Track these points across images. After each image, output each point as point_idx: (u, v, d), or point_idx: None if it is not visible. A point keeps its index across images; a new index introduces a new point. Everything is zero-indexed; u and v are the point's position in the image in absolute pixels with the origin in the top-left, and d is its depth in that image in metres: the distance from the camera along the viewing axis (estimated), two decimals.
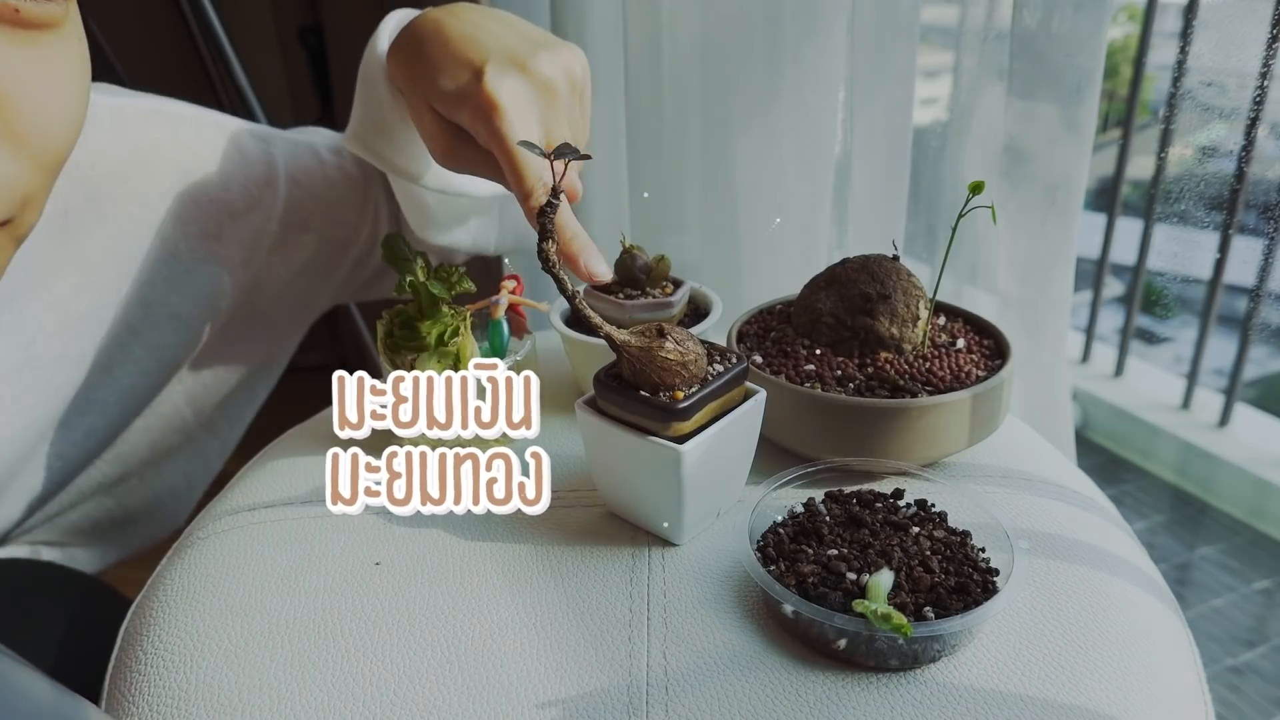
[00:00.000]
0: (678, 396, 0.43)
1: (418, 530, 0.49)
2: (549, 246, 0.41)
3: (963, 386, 0.50)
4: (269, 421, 0.75)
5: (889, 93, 0.79)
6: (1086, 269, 1.36)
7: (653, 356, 0.43)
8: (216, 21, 1.11)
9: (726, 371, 0.45)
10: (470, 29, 0.53)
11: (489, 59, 0.50)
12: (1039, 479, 0.52)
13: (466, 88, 0.50)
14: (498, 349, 0.55)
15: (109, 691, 0.42)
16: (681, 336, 0.44)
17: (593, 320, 0.42)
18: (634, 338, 0.43)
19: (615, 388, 0.45)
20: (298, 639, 0.42)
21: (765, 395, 0.47)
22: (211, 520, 0.51)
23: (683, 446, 0.43)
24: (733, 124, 0.82)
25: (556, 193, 0.40)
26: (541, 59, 0.52)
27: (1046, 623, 0.41)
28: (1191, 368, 1.37)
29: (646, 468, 0.45)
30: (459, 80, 0.50)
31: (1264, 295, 1.16)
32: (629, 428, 0.45)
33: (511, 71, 0.50)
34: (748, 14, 0.77)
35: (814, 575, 0.41)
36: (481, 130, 0.50)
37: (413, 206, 0.67)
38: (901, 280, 0.54)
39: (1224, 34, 0.83)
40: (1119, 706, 0.38)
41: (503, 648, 0.41)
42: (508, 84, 0.50)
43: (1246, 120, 0.83)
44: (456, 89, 0.50)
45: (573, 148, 0.41)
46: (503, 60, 0.51)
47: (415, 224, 0.68)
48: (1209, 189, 0.88)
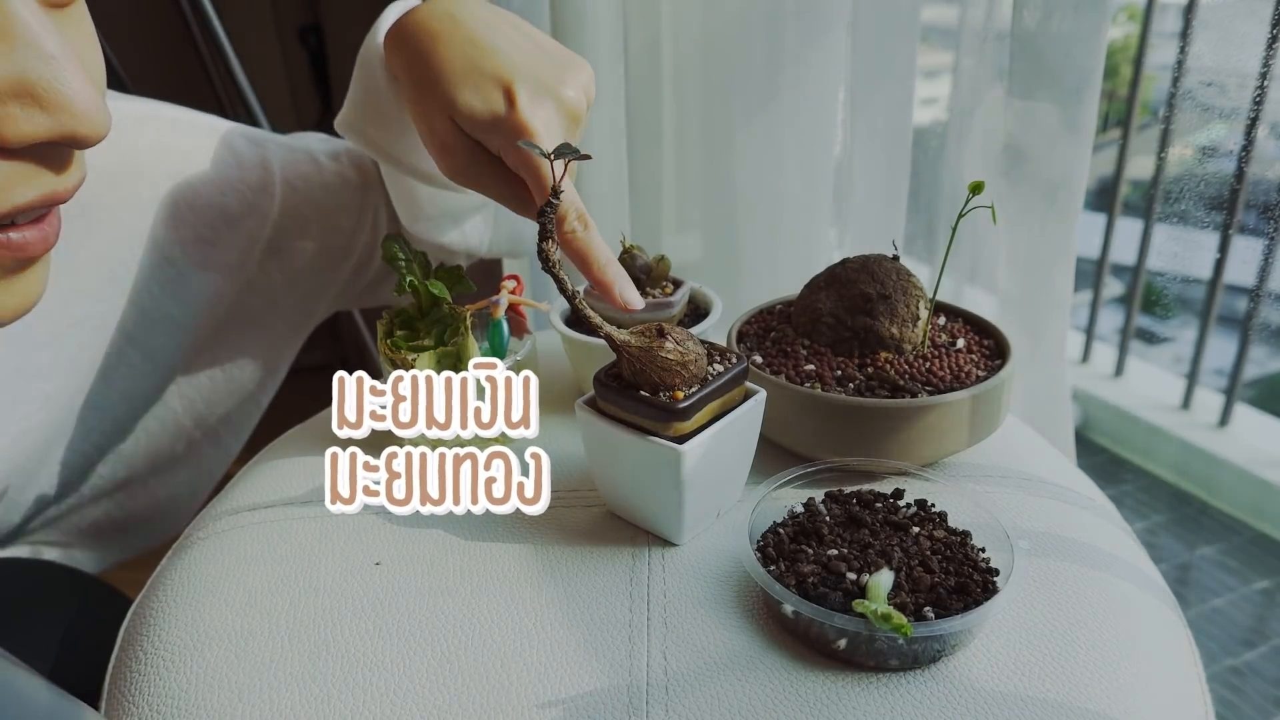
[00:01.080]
0: (678, 396, 0.43)
1: (418, 530, 0.49)
2: (549, 246, 0.41)
3: (963, 386, 0.50)
4: (269, 421, 0.75)
5: (889, 93, 0.79)
6: (1086, 269, 1.36)
7: (653, 356, 0.43)
8: (216, 21, 1.11)
9: (727, 371, 0.45)
10: (488, 34, 0.51)
11: (519, 80, 0.49)
12: (1039, 479, 0.52)
13: (498, 109, 0.49)
14: (498, 349, 0.55)
15: (109, 691, 0.42)
16: (681, 336, 0.44)
17: (593, 320, 0.42)
18: (634, 338, 0.43)
19: (615, 388, 0.45)
20: (298, 639, 0.42)
21: (765, 395, 0.47)
22: (211, 520, 0.51)
23: (683, 446, 0.43)
24: (733, 124, 0.82)
25: (556, 192, 0.40)
26: (568, 84, 0.51)
27: (1046, 623, 0.41)
28: (1191, 368, 1.37)
29: (646, 468, 0.45)
30: (490, 101, 0.49)
31: (1264, 295, 1.16)
32: (629, 428, 0.45)
33: (544, 98, 0.50)
34: (748, 14, 0.77)
35: (814, 575, 0.41)
36: (511, 154, 0.49)
37: (403, 199, 0.66)
38: (901, 280, 0.53)
39: (1224, 34, 0.83)
40: (1119, 707, 0.38)
41: (503, 648, 0.41)
42: (541, 112, 0.49)
43: (1246, 120, 0.83)
44: (488, 110, 0.49)
45: (573, 147, 0.41)
46: (534, 83, 0.50)
47: (405, 218, 0.67)
48: (1209, 189, 0.88)
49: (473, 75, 0.50)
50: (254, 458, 0.58)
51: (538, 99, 0.49)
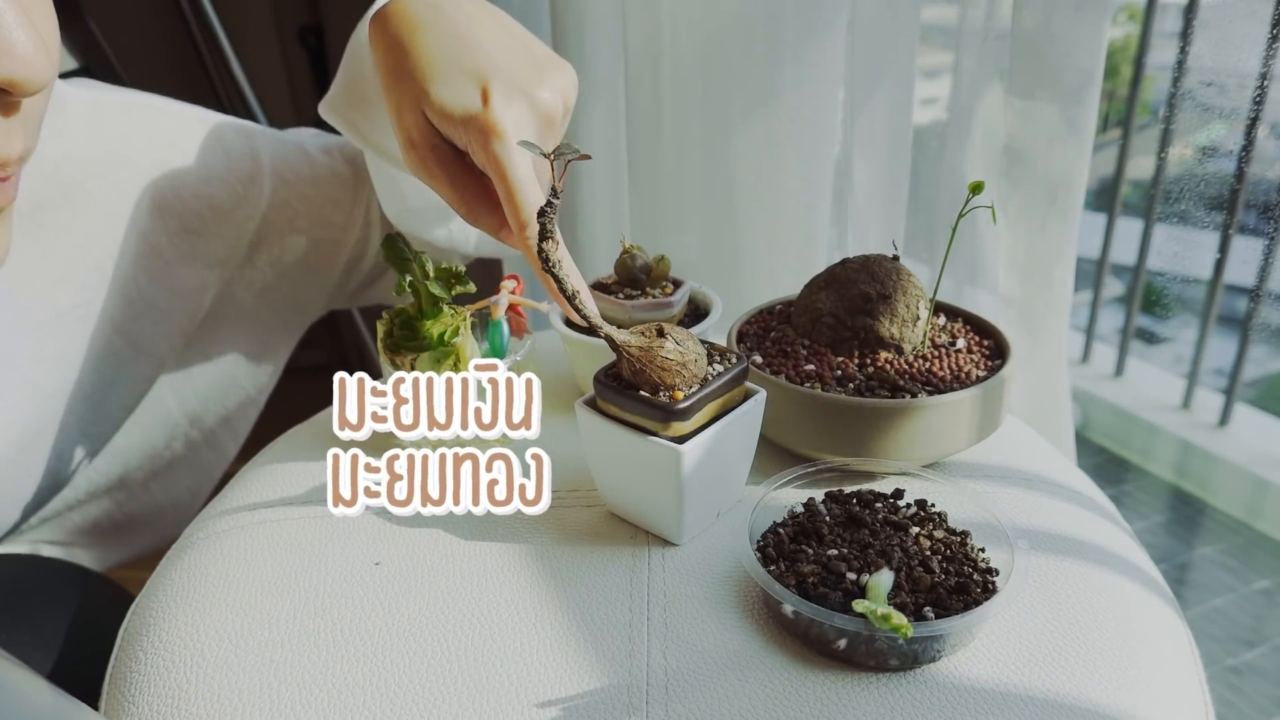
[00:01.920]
0: (677, 396, 0.43)
1: (418, 530, 0.49)
2: (549, 246, 0.41)
3: (963, 386, 0.50)
4: (269, 422, 0.75)
5: (889, 93, 0.79)
6: (1086, 269, 1.36)
7: (653, 356, 0.43)
8: (216, 21, 1.11)
9: (727, 371, 0.45)
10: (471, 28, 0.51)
11: (493, 78, 0.48)
12: (1039, 479, 0.52)
13: (470, 107, 0.48)
14: (497, 349, 0.55)
15: (109, 691, 0.42)
16: (682, 336, 0.44)
17: (592, 321, 0.42)
18: (634, 338, 0.43)
19: (615, 388, 0.45)
20: (298, 639, 0.42)
21: (765, 395, 0.47)
22: (211, 520, 0.51)
23: (683, 446, 0.43)
24: (733, 124, 0.82)
25: (556, 193, 0.40)
26: (544, 87, 0.50)
27: (1046, 623, 0.41)
28: (1191, 368, 1.37)
29: (646, 468, 0.45)
30: (462, 96, 0.48)
31: (1264, 295, 1.16)
32: (629, 428, 0.45)
33: (518, 99, 0.49)
34: (748, 14, 0.77)
35: (814, 575, 0.41)
36: (480, 153, 0.48)
37: (386, 188, 0.65)
38: (901, 280, 0.54)
39: (1224, 34, 0.83)
40: (1119, 706, 0.38)
41: (503, 648, 0.41)
42: (512, 113, 0.48)
43: (1246, 120, 0.83)
44: (460, 105, 0.48)
45: (573, 147, 0.40)
46: (509, 84, 0.49)
47: (390, 210, 0.66)
48: (1209, 189, 0.88)
49: (450, 69, 0.49)
50: (254, 458, 0.58)
51: (512, 99, 0.48)
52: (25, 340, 0.56)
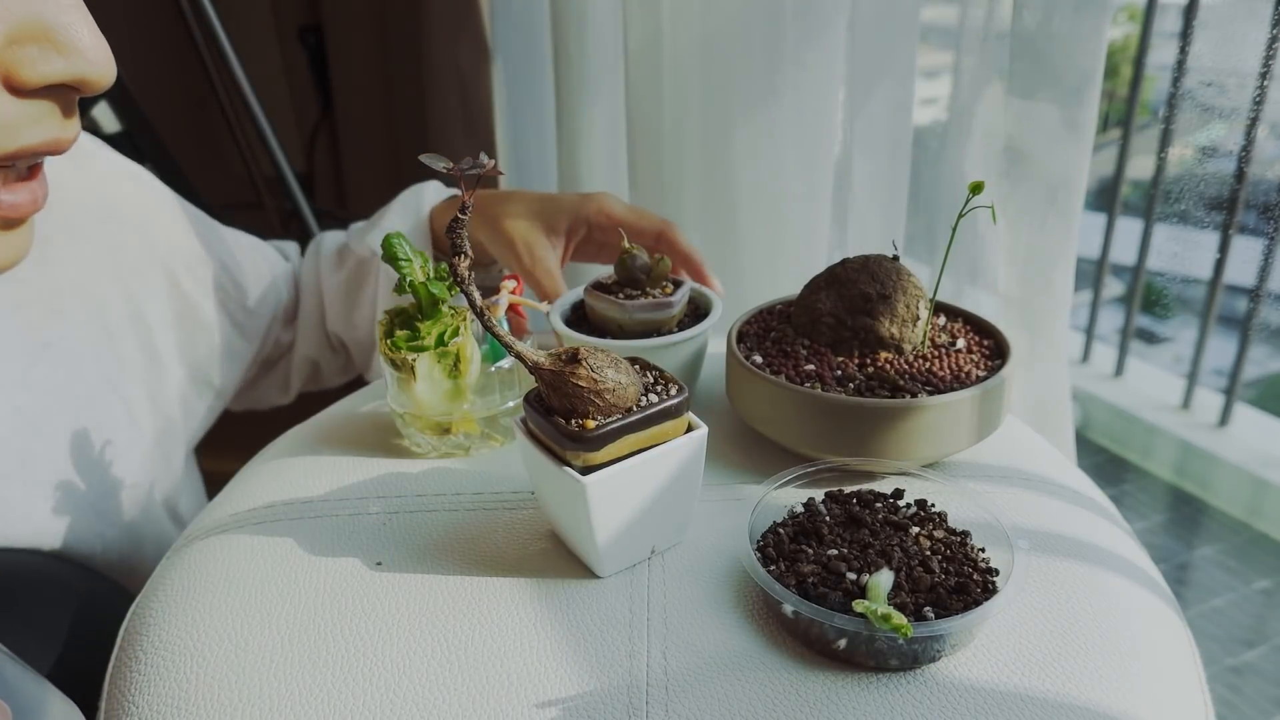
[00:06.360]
0: (587, 425, 0.41)
1: (418, 531, 0.49)
2: (460, 261, 0.39)
3: (963, 386, 0.50)
4: (269, 422, 0.75)
5: (889, 93, 0.79)
6: (1086, 269, 1.36)
7: (564, 381, 0.41)
8: (216, 21, 1.11)
9: (659, 404, 0.42)
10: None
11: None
12: (1039, 479, 0.52)
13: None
14: (497, 349, 0.55)
15: (109, 691, 0.42)
16: (603, 363, 0.42)
17: (503, 339, 0.41)
18: (548, 360, 0.42)
19: (538, 409, 0.43)
20: (298, 639, 0.42)
21: (707, 432, 0.45)
22: (210, 521, 0.51)
23: (587, 478, 0.41)
24: (733, 124, 0.82)
25: (465, 209, 0.39)
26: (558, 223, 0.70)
27: (1046, 623, 0.41)
28: (1191, 368, 1.37)
29: (559, 494, 0.43)
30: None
31: (1264, 295, 1.16)
32: (546, 451, 0.43)
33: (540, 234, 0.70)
34: (748, 14, 0.77)
35: (814, 575, 0.41)
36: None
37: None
38: (901, 280, 0.54)
39: (1224, 34, 0.83)
40: (1119, 707, 0.38)
41: (503, 648, 0.41)
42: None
43: (1246, 120, 0.83)
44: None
45: (479, 164, 0.39)
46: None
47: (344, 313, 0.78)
48: (1209, 189, 0.88)
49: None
50: (253, 458, 0.58)
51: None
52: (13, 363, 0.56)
